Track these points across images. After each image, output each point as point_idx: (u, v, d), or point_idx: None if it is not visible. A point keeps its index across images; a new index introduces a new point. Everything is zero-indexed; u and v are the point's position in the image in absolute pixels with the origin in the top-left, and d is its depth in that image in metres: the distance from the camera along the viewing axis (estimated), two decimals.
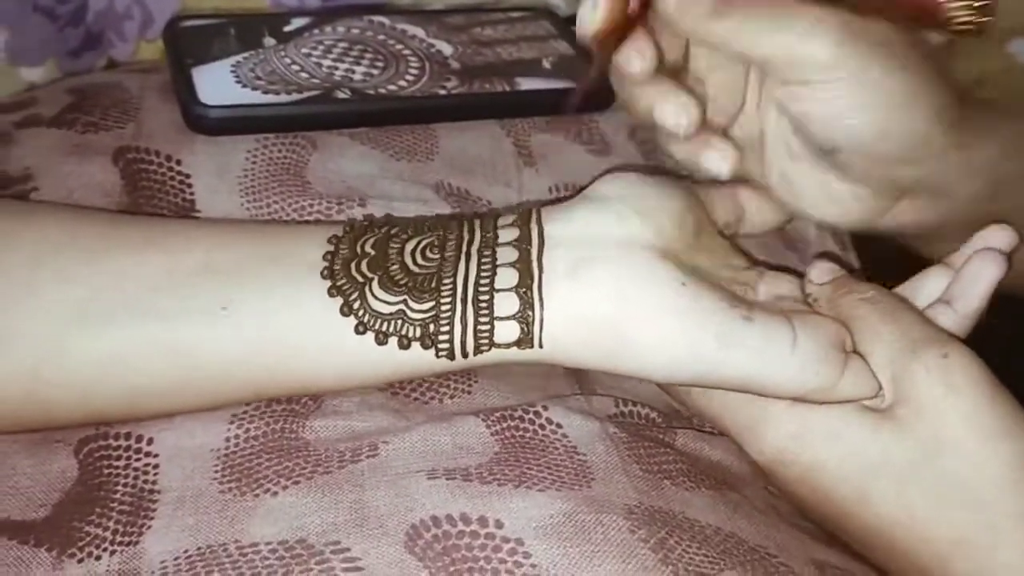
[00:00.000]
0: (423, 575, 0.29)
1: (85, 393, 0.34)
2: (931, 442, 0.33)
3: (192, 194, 0.41)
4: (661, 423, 0.38)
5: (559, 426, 0.35)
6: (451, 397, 0.36)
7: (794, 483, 0.36)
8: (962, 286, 0.37)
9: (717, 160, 0.36)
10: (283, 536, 0.31)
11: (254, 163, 0.43)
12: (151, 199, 0.41)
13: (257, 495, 0.32)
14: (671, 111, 0.35)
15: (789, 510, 0.36)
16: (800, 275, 0.39)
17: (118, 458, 0.34)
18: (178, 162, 0.42)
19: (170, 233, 0.37)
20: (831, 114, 0.34)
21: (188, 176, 0.42)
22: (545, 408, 0.35)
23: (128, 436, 0.35)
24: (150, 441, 0.35)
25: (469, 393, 0.36)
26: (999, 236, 0.37)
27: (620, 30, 0.33)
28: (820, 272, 0.37)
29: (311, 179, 0.43)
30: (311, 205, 0.42)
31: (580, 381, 0.38)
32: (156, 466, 0.34)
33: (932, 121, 0.35)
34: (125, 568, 0.30)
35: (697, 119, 0.35)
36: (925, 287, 0.38)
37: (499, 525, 0.30)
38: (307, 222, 0.41)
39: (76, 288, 0.34)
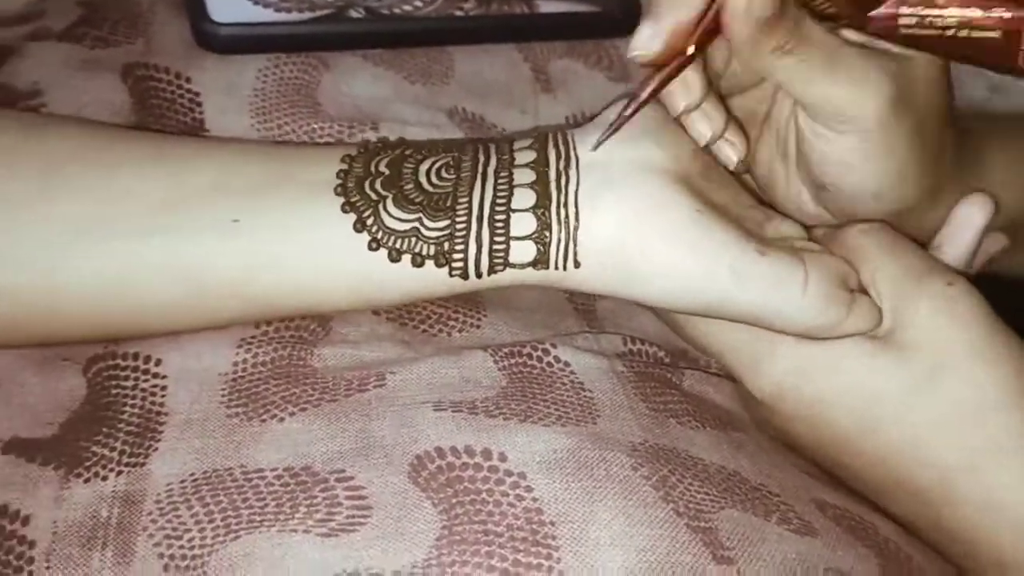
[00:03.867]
0: (426, 505, 0.29)
1: (94, 305, 0.34)
2: (933, 367, 0.34)
3: (201, 113, 0.41)
4: (668, 363, 0.38)
5: (567, 364, 0.35)
6: (459, 331, 0.36)
7: (794, 419, 0.36)
8: (951, 231, 0.37)
9: (728, 151, 0.36)
10: (289, 463, 0.31)
11: (264, 83, 0.42)
12: (160, 118, 0.40)
13: (264, 420, 0.32)
14: (725, 149, 0.35)
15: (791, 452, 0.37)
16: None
17: (126, 378, 0.34)
18: (187, 80, 0.41)
19: (179, 151, 0.36)
20: (840, 162, 0.35)
21: (198, 95, 0.41)
22: (554, 346, 0.35)
23: (136, 356, 0.35)
24: (158, 362, 0.35)
25: (478, 327, 0.36)
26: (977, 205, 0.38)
27: (676, 62, 0.33)
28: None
29: (322, 100, 0.42)
30: (322, 128, 0.41)
31: (589, 319, 0.38)
32: (164, 388, 0.34)
33: (921, 193, 0.36)
34: (131, 489, 0.31)
35: (743, 153, 0.36)
36: None
37: (503, 458, 0.30)
38: (317, 144, 0.40)
39: (85, 200, 0.34)
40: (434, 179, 0.34)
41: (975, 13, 0.30)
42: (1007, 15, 0.30)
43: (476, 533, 0.28)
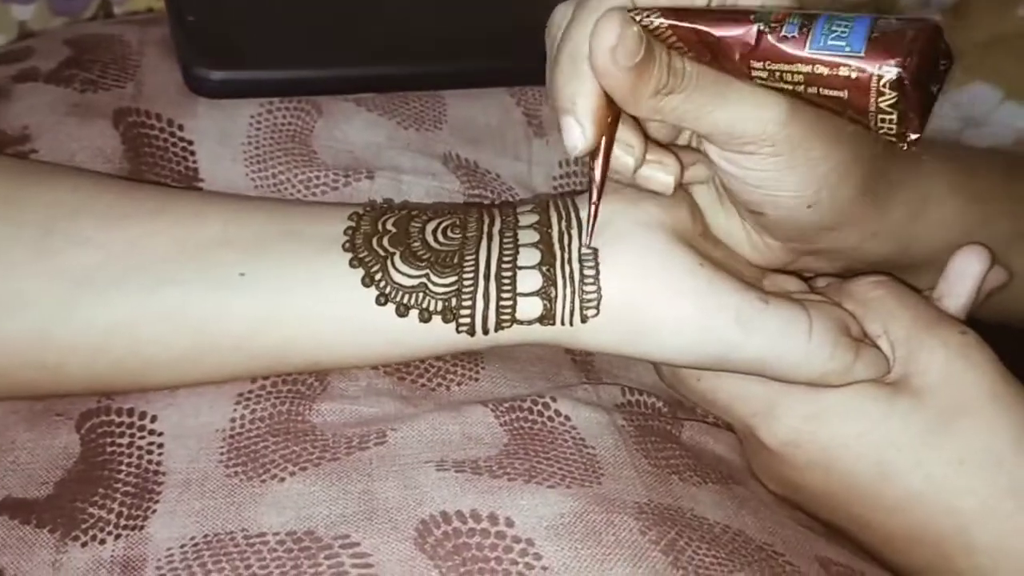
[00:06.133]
0: (434, 574, 0.29)
1: (94, 359, 0.34)
2: (950, 411, 0.34)
3: (195, 162, 0.40)
4: (667, 413, 0.38)
5: (567, 418, 0.35)
6: (458, 384, 0.36)
7: (809, 467, 0.35)
8: (950, 283, 0.38)
9: (663, 177, 0.35)
10: (291, 527, 0.30)
11: (258, 130, 0.41)
12: (153, 167, 0.40)
13: (264, 480, 0.32)
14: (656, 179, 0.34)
15: (791, 503, 0.37)
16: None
17: (121, 435, 0.34)
18: (180, 127, 0.41)
19: (184, 205, 0.36)
20: (761, 182, 0.33)
21: (191, 143, 0.41)
22: (554, 399, 0.35)
23: (131, 412, 0.34)
24: (154, 419, 0.34)
25: (476, 380, 0.36)
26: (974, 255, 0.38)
27: (608, 134, 0.32)
28: None
29: (317, 148, 0.42)
30: (317, 177, 0.41)
31: (586, 370, 0.38)
32: (160, 445, 0.33)
33: (857, 193, 0.35)
34: (131, 554, 0.30)
35: (678, 178, 0.35)
36: None
37: (509, 523, 0.30)
38: (321, 202, 0.40)
39: (88, 253, 0.34)
40: (440, 238, 0.34)
41: (821, 70, 0.28)
42: (853, 76, 0.28)
43: None
